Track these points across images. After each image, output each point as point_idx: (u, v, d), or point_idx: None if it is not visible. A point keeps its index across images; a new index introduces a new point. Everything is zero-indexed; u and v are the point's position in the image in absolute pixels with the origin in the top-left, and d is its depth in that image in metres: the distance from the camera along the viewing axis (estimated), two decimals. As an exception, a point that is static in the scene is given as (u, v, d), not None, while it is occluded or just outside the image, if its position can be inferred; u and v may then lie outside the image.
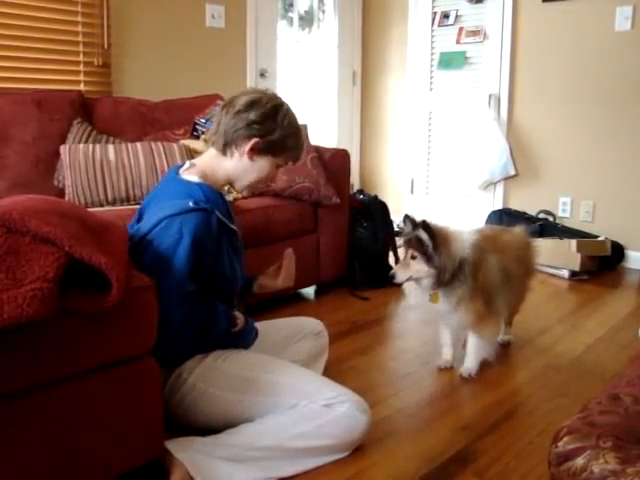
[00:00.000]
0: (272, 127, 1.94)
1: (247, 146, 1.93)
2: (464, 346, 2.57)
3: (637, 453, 0.98)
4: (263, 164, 1.98)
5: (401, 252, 2.41)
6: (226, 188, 2.13)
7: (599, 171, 4.31)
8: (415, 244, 2.35)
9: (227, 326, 1.94)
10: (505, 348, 2.80)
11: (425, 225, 2.32)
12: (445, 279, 2.33)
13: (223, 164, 1.99)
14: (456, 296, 2.38)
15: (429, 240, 2.31)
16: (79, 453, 1.51)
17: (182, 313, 1.79)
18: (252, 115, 1.91)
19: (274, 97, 1.98)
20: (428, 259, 2.32)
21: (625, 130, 4.17)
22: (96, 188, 2.88)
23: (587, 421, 1.08)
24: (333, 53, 5.36)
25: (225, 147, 1.96)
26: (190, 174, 1.96)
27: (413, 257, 2.36)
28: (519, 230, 2.76)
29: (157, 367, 1.67)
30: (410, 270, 2.37)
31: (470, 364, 2.52)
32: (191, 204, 1.80)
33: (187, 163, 2.02)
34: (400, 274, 2.39)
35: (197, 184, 1.91)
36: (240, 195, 3.07)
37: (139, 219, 1.99)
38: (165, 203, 1.86)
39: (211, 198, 1.89)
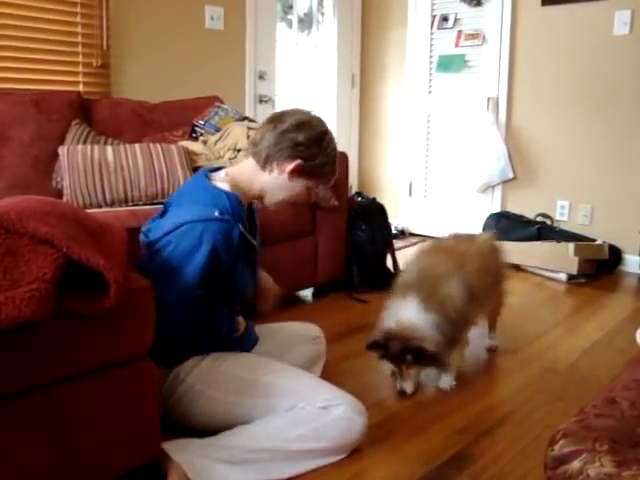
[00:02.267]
0: (316, 152, 1.95)
1: (289, 166, 1.94)
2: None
3: (633, 456, 0.98)
4: (298, 185, 2.00)
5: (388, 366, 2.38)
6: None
7: (597, 175, 4.32)
8: (407, 360, 2.29)
9: (228, 330, 1.95)
10: (502, 351, 2.80)
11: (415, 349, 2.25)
12: (444, 353, 2.28)
13: (260, 177, 1.99)
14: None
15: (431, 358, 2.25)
16: (78, 454, 1.51)
17: (186, 317, 1.81)
18: (300, 137, 1.92)
19: (321, 122, 2.00)
20: (426, 363, 2.28)
21: (623, 134, 4.18)
22: (94, 189, 2.87)
23: (583, 424, 1.08)
24: (332, 55, 5.37)
25: (266, 162, 1.96)
26: (222, 181, 1.96)
27: (409, 367, 2.31)
28: (484, 237, 2.71)
29: (154, 368, 1.67)
30: (414, 377, 2.34)
31: (447, 377, 2.46)
32: (216, 214, 1.81)
33: (223, 172, 2.02)
34: (409, 386, 2.34)
35: (225, 193, 1.91)
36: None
37: (162, 214, 2.01)
38: (190, 207, 1.87)
39: (237, 210, 1.89)
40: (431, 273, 2.39)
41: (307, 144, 1.93)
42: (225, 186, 1.94)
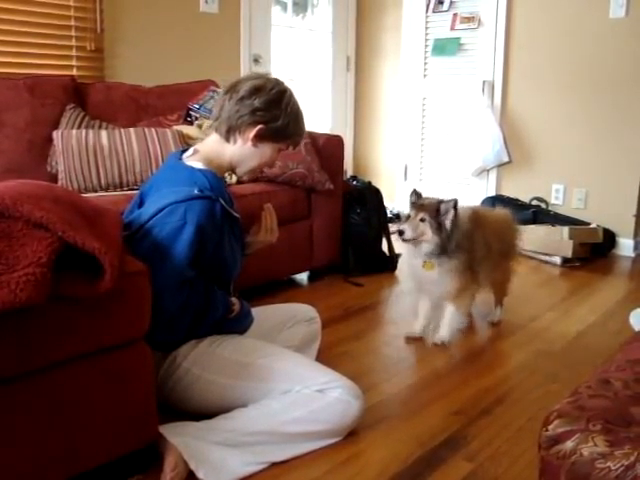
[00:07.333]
0: (276, 114, 1.93)
1: (251, 133, 1.93)
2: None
3: (625, 436, 0.99)
4: (266, 150, 1.99)
5: (406, 214, 2.57)
6: (227, 174, 2.12)
7: (592, 159, 4.32)
8: (429, 209, 2.46)
9: (224, 312, 1.95)
10: (497, 334, 2.82)
11: (455, 204, 2.46)
12: (450, 249, 2.46)
13: (226, 150, 1.98)
14: (449, 265, 2.51)
15: (453, 216, 2.44)
16: (76, 437, 1.52)
17: (180, 299, 1.80)
18: (257, 102, 1.91)
19: (277, 83, 1.98)
20: (438, 227, 2.44)
21: (619, 118, 4.17)
22: (89, 174, 2.87)
23: (577, 405, 1.09)
24: (327, 39, 5.34)
25: (228, 133, 1.95)
26: (194, 160, 1.95)
27: (422, 220, 2.47)
28: (503, 211, 2.92)
29: (150, 352, 1.68)
30: (418, 230, 2.47)
31: (444, 333, 2.66)
32: (196, 191, 1.80)
33: (190, 150, 2.02)
34: (409, 231, 2.47)
35: (201, 171, 1.90)
36: (234, 181, 3.06)
37: (140, 204, 1.98)
38: (169, 190, 1.85)
39: (215, 185, 1.89)
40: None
41: (266, 108, 1.92)
42: (198, 164, 1.93)
